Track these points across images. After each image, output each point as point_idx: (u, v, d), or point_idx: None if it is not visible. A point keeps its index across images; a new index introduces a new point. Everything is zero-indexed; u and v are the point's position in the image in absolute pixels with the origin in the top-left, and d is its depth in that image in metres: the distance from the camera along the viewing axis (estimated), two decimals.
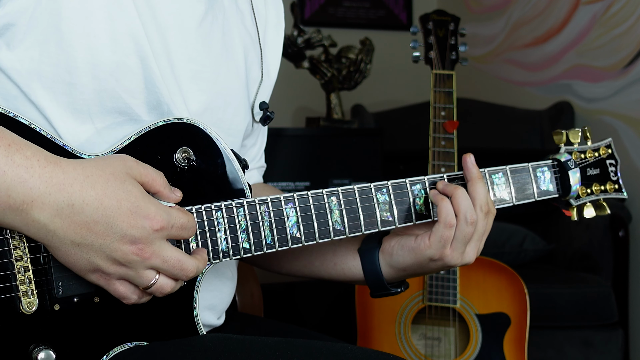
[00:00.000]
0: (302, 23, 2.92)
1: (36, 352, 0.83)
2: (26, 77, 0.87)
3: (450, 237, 0.99)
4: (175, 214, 0.85)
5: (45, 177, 0.78)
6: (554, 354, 2.45)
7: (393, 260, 1.05)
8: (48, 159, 0.80)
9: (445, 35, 1.83)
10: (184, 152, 0.91)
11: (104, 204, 0.80)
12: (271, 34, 1.17)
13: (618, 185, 1.15)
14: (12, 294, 0.82)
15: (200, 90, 1.00)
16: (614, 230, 2.55)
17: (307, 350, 0.89)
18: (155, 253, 0.83)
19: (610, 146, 1.15)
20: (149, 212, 0.82)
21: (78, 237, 0.80)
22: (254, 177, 1.22)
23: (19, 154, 0.78)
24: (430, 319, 1.83)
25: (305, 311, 2.66)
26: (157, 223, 0.82)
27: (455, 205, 0.99)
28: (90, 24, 0.89)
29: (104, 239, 0.80)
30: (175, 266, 0.84)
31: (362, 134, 2.85)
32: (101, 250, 0.81)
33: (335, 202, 0.97)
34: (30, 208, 0.77)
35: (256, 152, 1.22)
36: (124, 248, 0.81)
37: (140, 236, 0.81)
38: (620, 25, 2.89)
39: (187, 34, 0.99)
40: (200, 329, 0.92)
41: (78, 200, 0.79)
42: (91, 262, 0.81)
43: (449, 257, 1.01)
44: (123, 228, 0.80)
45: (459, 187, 1.00)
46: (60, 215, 0.79)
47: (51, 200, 0.78)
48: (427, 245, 1.01)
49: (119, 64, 0.91)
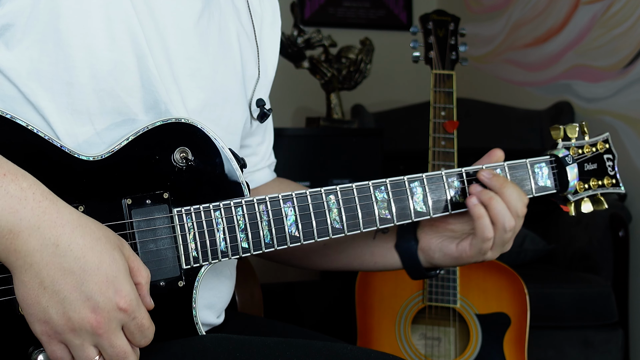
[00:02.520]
0: (302, 23, 2.92)
1: (35, 354, 0.82)
2: (25, 78, 0.87)
3: (490, 247, 1.03)
4: (143, 310, 0.82)
5: (38, 211, 0.77)
6: (554, 354, 2.45)
7: (434, 260, 1.10)
8: (44, 195, 0.78)
9: (445, 35, 1.83)
10: (182, 152, 0.90)
11: (86, 257, 0.78)
12: (267, 31, 1.17)
13: (616, 180, 1.15)
14: (12, 297, 0.81)
15: (199, 88, 1.00)
16: (614, 230, 2.55)
17: (307, 350, 0.89)
18: (107, 333, 0.79)
19: (607, 141, 1.15)
20: (122, 289, 0.79)
21: (49, 279, 0.77)
22: (266, 175, 1.23)
23: (13, 184, 0.77)
24: (430, 319, 1.83)
25: (305, 311, 2.66)
26: (125, 303, 0.79)
27: (492, 215, 1.01)
28: (88, 23, 0.89)
29: (70, 293, 0.77)
30: (119, 355, 0.81)
31: (362, 134, 2.85)
32: (62, 304, 0.78)
33: (334, 200, 0.97)
34: (15, 237, 0.76)
35: (265, 149, 1.23)
36: (82, 312, 0.78)
37: (103, 307, 0.78)
38: (620, 25, 2.89)
39: (185, 32, 0.99)
40: (199, 329, 0.92)
41: (64, 243, 0.77)
42: (46, 312, 0.78)
43: (488, 257, 1.06)
44: (92, 290, 0.78)
45: (493, 197, 1.01)
46: (41, 252, 0.77)
47: (39, 234, 0.76)
48: (469, 256, 1.05)
49: (117, 62, 0.90)
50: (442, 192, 1.03)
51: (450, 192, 1.04)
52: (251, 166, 1.20)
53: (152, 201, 0.89)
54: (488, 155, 1.09)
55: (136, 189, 0.88)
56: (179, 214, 0.90)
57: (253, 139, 1.19)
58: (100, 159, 0.88)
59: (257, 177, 1.21)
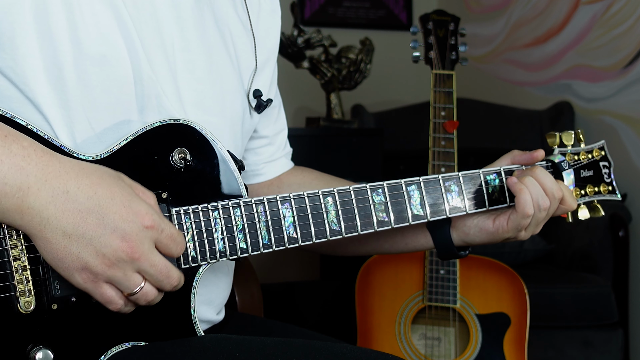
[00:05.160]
0: (302, 23, 2.92)
1: (34, 352, 0.83)
2: (22, 76, 0.87)
3: (527, 224, 1.04)
4: (166, 221, 0.85)
5: (42, 165, 0.79)
6: (554, 354, 2.45)
7: (468, 238, 1.10)
8: (44, 150, 0.81)
9: (445, 35, 1.83)
10: (181, 152, 0.90)
11: (97, 192, 0.80)
12: (265, 21, 1.16)
13: (612, 187, 1.16)
14: (10, 294, 0.82)
15: (196, 80, 1.00)
16: (614, 230, 2.55)
17: (307, 350, 0.89)
18: (144, 255, 0.82)
19: (603, 148, 1.16)
20: (140, 209, 0.82)
21: (70, 226, 0.79)
22: (283, 164, 1.23)
23: (15, 144, 0.79)
24: (430, 319, 1.83)
25: (305, 311, 2.66)
26: (148, 220, 0.82)
27: (530, 193, 1.03)
28: (76, 17, 0.89)
29: (95, 231, 0.80)
30: (162, 272, 0.83)
31: (362, 134, 2.85)
32: (91, 244, 0.80)
33: (331, 202, 0.97)
34: (25, 195, 0.78)
35: (281, 139, 1.24)
36: (114, 244, 0.80)
37: (130, 231, 0.81)
38: (620, 25, 2.89)
39: (179, 23, 0.99)
40: (197, 329, 0.92)
41: (73, 187, 0.79)
42: (80, 258, 0.80)
43: (522, 236, 1.07)
44: (115, 220, 0.80)
45: (529, 178, 1.03)
46: (54, 202, 0.78)
47: (47, 186, 0.78)
48: (506, 230, 1.06)
49: (108, 56, 0.90)
50: (439, 195, 1.03)
51: (450, 195, 1.04)
52: (268, 156, 1.21)
53: None
54: (532, 154, 1.09)
55: None
56: (178, 213, 0.90)
57: (267, 130, 1.20)
58: (99, 159, 0.88)
59: (276, 166, 1.22)
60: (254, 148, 1.20)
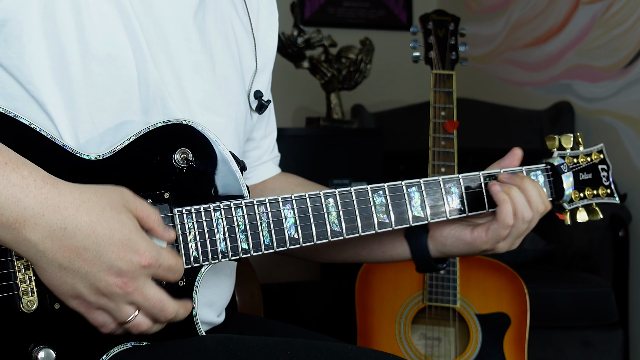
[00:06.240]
0: (302, 23, 2.92)
1: (36, 351, 0.83)
2: (28, 74, 0.87)
3: (506, 234, 1.04)
4: (165, 254, 0.84)
5: (41, 198, 0.77)
6: (554, 354, 2.45)
7: (445, 249, 1.10)
8: (45, 180, 0.79)
9: (445, 35, 1.83)
10: (183, 153, 0.91)
11: (96, 231, 0.79)
12: (264, 24, 1.17)
13: (610, 190, 1.16)
14: (12, 293, 0.82)
15: (203, 80, 1.01)
16: (614, 230, 2.55)
17: (307, 350, 0.89)
18: (138, 289, 0.82)
19: (602, 151, 1.16)
20: (139, 247, 0.81)
21: (66, 261, 0.79)
22: (270, 169, 1.23)
23: (15, 173, 0.77)
24: (430, 319, 1.83)
25: (305, 311, 2.66)
26: (146, 259, 0.81)
27: (513, 205, 1.02)
28: (84, 17, 0.89)
29: (90, 267, 0.79)
30: (155, 306, 0.83)
31: (362, 134, 2.85)
32: (86, 278, 0.80)
33: (333, 203, 0.97)
34: (22, 227, 0.77)
35: (269, 143, 1.23)
36: (108, 279, 0.80)
37: (126, 270, 0.80)
38: (620, 25, 2.89)
39: (184, 25, 0.99)
40: (199, 329, 0.92)
41: (71, 224, 0.78)
42: (74, 288, 0.80)
43: (500, 248, 1.06)
44: (111, 259, 0.80)
45: (514, 188, 1.03)
46: (51, 237, 0.78)
47: (44, 221, 0.77)
48: (484, 241, 1.05)
49: (114, 57, 0.91)
50: (439, 196, 1.04)
51: (451, 197, 1.04)
52: (254, 160, 1.21)
53: (153, 201, 0.89)
54: (510, 154, 1.10)
55: (137, 188, 0.88)
56: (180, 214, 0.90)
57: (257, 132, 1.19)
58: (101, 159, 0.88)
59: (262, 170, 1.22)
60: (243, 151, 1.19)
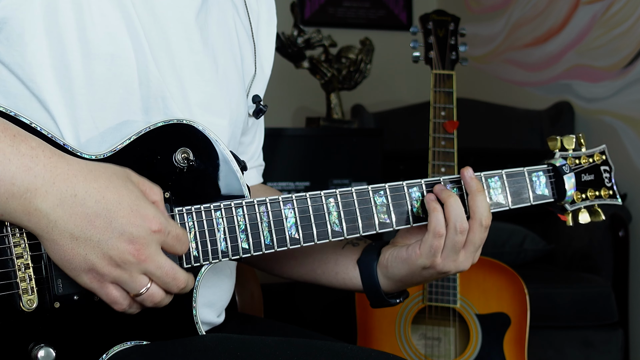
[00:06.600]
0: (302, 23, 2.92)
1: (36, 350, 0.83)
2: (29, 72, 0.87)
3: (440, 246, 1.00)
4: (172, 222, 0.85)
5: (50, 166, 0.79)
6: (554, 354, 2.45)
7: (389, 272, 1.06)
8: (53, 151, 0.81)
9: (445, 35, 1.83)
10: (184, 152, 0.91)
11: (106, 197, 0.80)
12: (264, 29, 1.17)
13: (612, 192, 1.16)
14: (12, 291, 0.82)
15: (204, 81, 1.01)
16: (614, 230, 2.55)
17: (307, 349, 0.89)
18: (151, 257, 0.82)
19: (604, 152, 1.16)
20: (147, 213, 0.82)
21: (77, 229, 0.79)
22: (253, 177, 1.22)
23: (24, 144, 0.78)
24: (430, 319, 1.83)
25: (305, 311, 2.66)
26: (155, 224, 0.82)
27: (446, 213, 0.99)
28: (85, 16, 0.89)
29: (102, 234, 0.80)
30: (168, 274, 0.84)
31: (362, 134, 2.85)
32: (98, 247, 0.80)
33: (333, 203, 0.97)
34: (33, 196, 0.78)
35: (254, 149, 1.22)
36: (121, 246, 0.81)
37: (138, 235, 0.81)
38: (620, 25, 2.89)
39: (186, 26, 0.99)
40: (199, 328, 0.92)
41: (81, 191, 0.79)
42: (87, 260, 0.80)
43: (441, 265, 1.01)
44: (122, 224, 0.81)
45: (452, 195, 0.99)
46: (62, 205, 0.79)
47: (55, 189, 0.78)
48: (418, 255, 1.01)
49: (115, 57, 0.91)
50: None
51: None
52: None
53: None
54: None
55: None
56: (180, 213, 0.90)
57: (245, 137, 1.19)
58: (102, 158, 0.88)
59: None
60: None
